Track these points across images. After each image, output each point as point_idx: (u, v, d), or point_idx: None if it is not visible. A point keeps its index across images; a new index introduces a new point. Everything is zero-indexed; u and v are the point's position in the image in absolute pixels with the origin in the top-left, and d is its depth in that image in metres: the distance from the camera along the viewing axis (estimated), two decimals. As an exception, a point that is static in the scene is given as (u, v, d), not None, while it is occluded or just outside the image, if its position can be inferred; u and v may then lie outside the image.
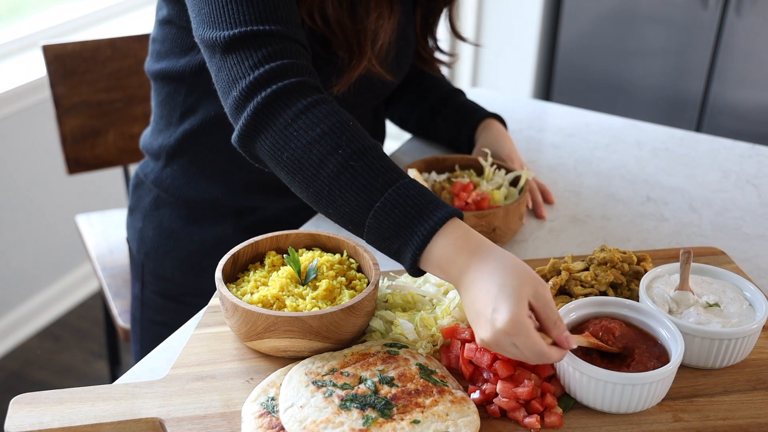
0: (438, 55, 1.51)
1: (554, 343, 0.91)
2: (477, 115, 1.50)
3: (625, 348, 0.97)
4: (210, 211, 1.39)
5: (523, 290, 0.90)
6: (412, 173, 1.27)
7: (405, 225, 0.96)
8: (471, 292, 0.93)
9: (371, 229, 0.99)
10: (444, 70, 1.65)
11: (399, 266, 1.23)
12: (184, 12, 1.26)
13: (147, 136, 1.46)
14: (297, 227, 1.40)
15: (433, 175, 1.36)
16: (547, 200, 1.43)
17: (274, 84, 1.04)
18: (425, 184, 1.27)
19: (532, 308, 0.91)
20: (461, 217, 0.98)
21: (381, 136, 1.56)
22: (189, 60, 1.31)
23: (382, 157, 1.02)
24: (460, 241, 0.95)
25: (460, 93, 1.58)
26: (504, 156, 1.40)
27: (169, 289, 1.48)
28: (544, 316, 0.91)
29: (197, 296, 1.43)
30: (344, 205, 1.00)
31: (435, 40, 1.49)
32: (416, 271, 0.98)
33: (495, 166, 1.35)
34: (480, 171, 1.38)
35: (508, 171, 1.36)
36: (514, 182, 1.35)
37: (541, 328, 0.92)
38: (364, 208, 0.98)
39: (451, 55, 1.54)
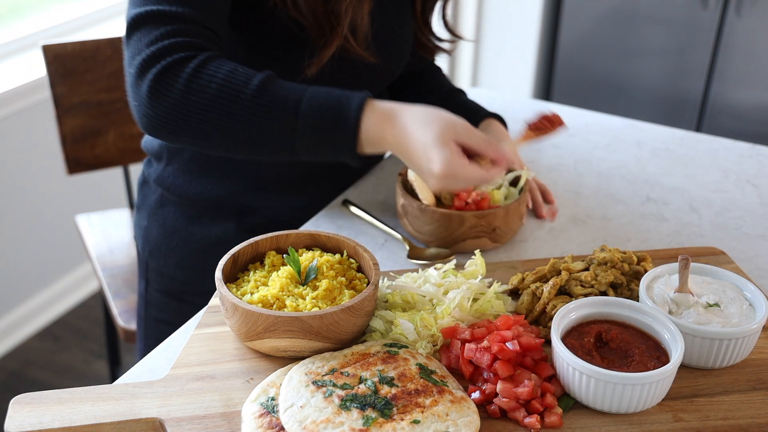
0: (438, 42, 1.51)
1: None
2: (477, 114, 1.50)
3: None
4: (212, 210, 1.40)
5: (445, 135, 1.04)
6: (413, 174, 1.27)
7: (331, 130, 1.07)
8: (406, 156, 1.07)
9: (302, 149, 1.09)
10: (445, 70, 1.65)
11: (399, 266, 1.23)
12: None
13: (148, 137, 1.47)
14: (298, 228, 1.40)
15: None
16: (547, 200, 1.43)
17: (163, 60, 1.08)
18: (426, 185, 1.27)
19: (459, 144, 1.05)
20: (371, 96, 1.09)
21: None
22: None
23: (280, 83, 1.09)
24: (383, 117, 1.08)
25: (460, 92, 1.58)
26: None
27: (172, 287, 1.48)
28: (473, 145, 1.06)
29: (199, 295, 1.44)
30: (268, 140, 1.08)
31: (430, 27, 1.48)
32: (358, 158, 1.10)
33: (495, 166, 1.35)
34: (480, 171, 1.38)
35: (508, 171, 1.36)
36: (514, 182, 1.35)
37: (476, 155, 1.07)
38: (287, 135, 1.07)
39: (452, 42, 1.53)
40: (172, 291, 1.49)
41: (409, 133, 1.05)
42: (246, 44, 1.25)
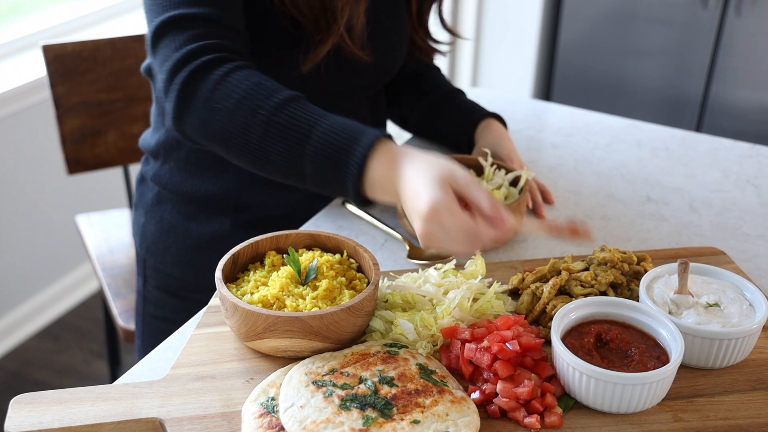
0: (433, 44, 1.51)
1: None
2: (477, 114, 1.50)
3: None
4: (207, 207, 1.40)
5: (442, 177, 0.95)
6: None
7: (338, 161, 1.02)
8: (405, 196, 0.98)
9: (310, 175, 1.04)
10: (444, 70, 1.65)
11: (399, 266, 1.23)
12: None
13: (146, 136, 1.48)
14: (294, 224, 1.40)
15: None
16: (547, 200, 1.43)
17: (192, 62, 1.07)
18: None
19: (456, 193, 0.95)
20: (387, 137, 1.03)
21: None
22: None
23: (301, 105, 1.05)
24: (390, 158, 1.01)
25: (460, 93, 1.58)
26: (504, 156, 1.40)
27: (168, 284, 1.49)
28: (470, 195, 0.95)
29: (195, 291, 1.45)
30: (279, 160, 1.04)
31: (426, 29, 1.49)
32: (363, 201, 1.04)
33: (495, 166, 1.35)
34: (480, 171, 1.38)
35: (508, 171, 1.36)
36: (514, 182, 1.35)
37: (473, 212, 0.96)
38: (297, 158, 1.03)
39: (450, 44, 1.53)
40: (169, 288, 1.49)
41: (412, 173, 0.99)
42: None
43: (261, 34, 1.25)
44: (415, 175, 0.97)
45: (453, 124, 1.53)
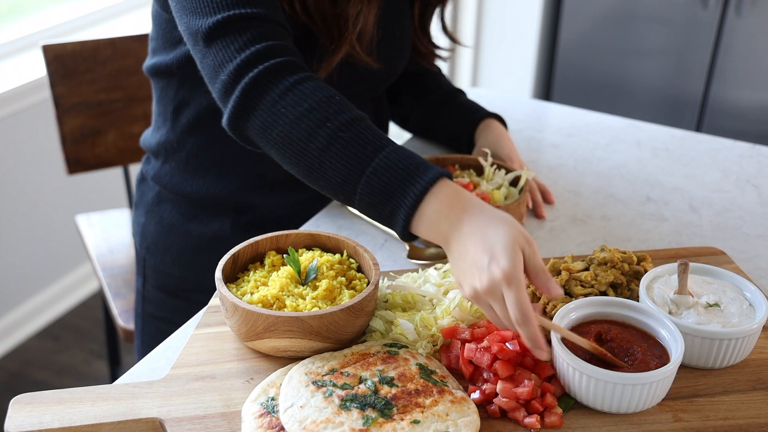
0: (435, 49, 1.51)
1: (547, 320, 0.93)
2: (477, 114, 1.50)
3: (627, 354, 0.97)
4: (208, 207, 1.40)
5: (518, 241, 0.92)
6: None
7: (396, 187, 0.98)
8: (463, 244, 0.94)
9: (363, 194, 1.01)
10: (444, 70, 1.65)
11: (399, 266, 1.23)
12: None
13: (147, 135, 1.48)
14: (295, 226, 1.40)
15: None
16: (547, 200, 1.43)
17: (260, 64, 1.07)
18: None
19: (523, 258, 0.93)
20: (450, 178, 1.01)
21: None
22: (176, 53, 1.32)
23: (370, 126, 1.04)
24: (451, 199, 0.97)
25: (460, 93, 1.58)
26: (504, 156, 1.40)
27: (168, 284, 1.49)
28: (534, 263, 0.93)
29: (195, 292, 1.45)
30: (335, 175, 1.02)
31: (429, 35, 1.49)
32: (408, 235, 1.00)
33: (495, 166, 1.35)
34: (480, 171, 1.38)
35: (507, 171, 1.36)
36: (514, 182, 1.35)
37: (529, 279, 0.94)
38: (354, 176, 1.01)
39: (451, 50, 1.54)
40: (168, 288, 1.49)
41: (480, 223, 0.94)
42: None
43: None
44: (487, 229, 0.93)
45: (453, 123, 1.53)
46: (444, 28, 1.49)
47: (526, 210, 1.39)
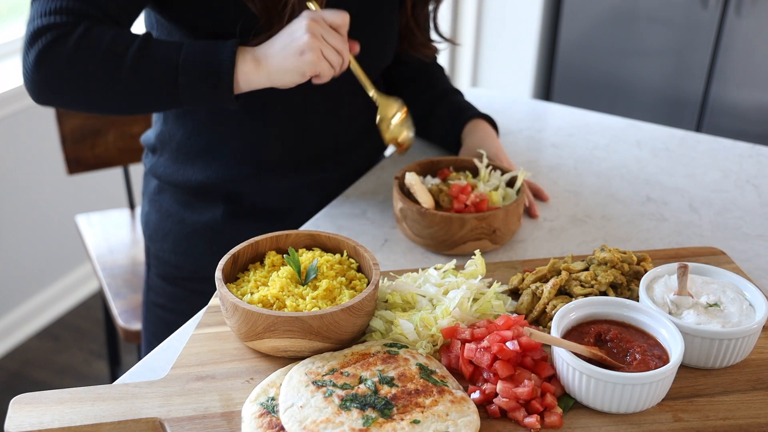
0: (429, 42, 1.50)
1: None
2: (465, 114, 1.50)
3: (627, 355, 0.97)
4: (201, 196, 1.43)
5: (309, 15, 1.19)
6: (412, 177, 1.27)
7: (212, 63, 1.18)
8: (272, 57, 1.20)
9: (184, 86, 1.18)
10: (445, 70, 1.65)
11: (399, 266, 1.23)
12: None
13: (146, 132, 1.52)
14: (287, 215, 1.42)
15: (428, 178, 1.34)
16: (540, 198, 1.42)
17: (48, 33, 1.16)
18: (424, 188, 1.27)
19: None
20: (240, 44, 1.20)
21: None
22: None
23: (160, 39, 1.22)
24: (253, 49, 1.21)
25: (455, 92, 1.57)
26: (490, 156, 1.39)
27: (168, 272, 1.53)
28: (326, 16, 1.19)
29: (192, 281, 1.49)
30: (152, 80, 1.18)
31: (421, 27, 1.48)
32: (234, 100, 1.21)
33: (490, 168, 1.35)
34: (475, 172, 1.37)
35: (503, 172, 1.35)
36: (511, 183, 1.35)
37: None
38: (170, 73, 1.18)
39: (450, 41, 1.52)
40: (168, 275, 1.53)
41: (274, 40, 1.20)
42: (188, 26, 1.29)
43: (209, 19, 1.27)
44: (282, 33, 1.20)
45: (442, 123, 1.53)
46: (435, 27, 1.49)
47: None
